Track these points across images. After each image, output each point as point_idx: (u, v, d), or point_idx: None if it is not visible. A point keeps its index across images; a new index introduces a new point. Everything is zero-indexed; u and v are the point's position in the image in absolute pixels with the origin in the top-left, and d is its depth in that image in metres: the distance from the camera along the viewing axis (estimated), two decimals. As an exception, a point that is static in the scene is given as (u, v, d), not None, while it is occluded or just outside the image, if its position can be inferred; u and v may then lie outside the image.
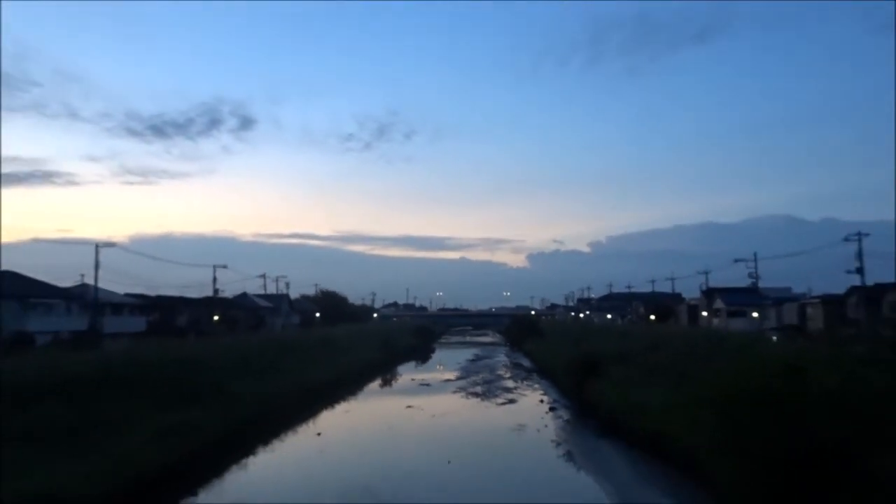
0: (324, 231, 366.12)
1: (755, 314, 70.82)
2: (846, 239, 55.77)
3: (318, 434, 31.22)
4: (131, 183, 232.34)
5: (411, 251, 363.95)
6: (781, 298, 73.36)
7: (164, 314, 72.42)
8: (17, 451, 17.91)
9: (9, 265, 57.87)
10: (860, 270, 54.52)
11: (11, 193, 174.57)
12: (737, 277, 74.34)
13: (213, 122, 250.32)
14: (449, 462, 24.67)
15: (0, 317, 46.70)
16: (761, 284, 73.06)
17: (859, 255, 54.53)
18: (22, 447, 18.24)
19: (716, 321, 76.52)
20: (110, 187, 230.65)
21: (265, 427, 31.15)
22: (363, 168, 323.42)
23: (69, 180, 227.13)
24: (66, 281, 63.07)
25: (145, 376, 27.76)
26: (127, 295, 68.70)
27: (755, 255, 70.10)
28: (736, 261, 73.16)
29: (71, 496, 15.70)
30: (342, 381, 49.80)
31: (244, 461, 25.72)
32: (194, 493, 20.92)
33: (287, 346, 50.34)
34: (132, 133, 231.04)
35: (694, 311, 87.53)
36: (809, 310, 64.06)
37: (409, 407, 39.23)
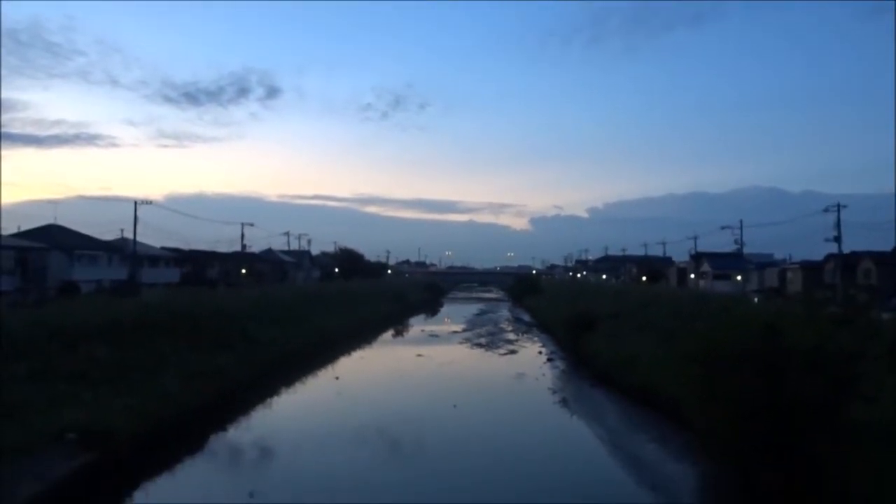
0: (343, 193, 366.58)
1: (739, 277, 70.73)
2: (826, 210, 55.39)
3: (336, 378, 31.60)
4: (167, 146, 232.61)
5: (423, 213, 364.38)
6: (764, 263, 73.29)
7: (197, 267, 72.99)
8: (66, 387, 18.24)
9: (55, 220, 58.26)
10: (837, 239, 54.25)
11: (58, 153, 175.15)
12: (723, 243, 74.10)
13: (241, 91, 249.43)
14: (454, 406, 24.97)
15: (49, 266, 47.16)
16: (746, 251, 72.80)
17: (837, 225, 54.23)
18: (70, 385, 18.56)
19: (702, 283, 76.51)
20: (147, 150, 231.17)
21: (288, 371, 31.56)
22: (380, 136, 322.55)
23: (111, 143, 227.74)
24: (107, 235, 63.52)
25: (180, 323, 28.04)
26: (163, 249, 69.15)
27: (741, 223, 69.63)
28: (723, 228, 72.79)
29: (113, 428, 16.02)
30: (358, 331, 50.24)
31: (269, 401, 26.13)
32: (224, 429, 21.31)
33: (308, 297, 50.67)
34: (168, 100, 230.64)
35: (683, 273, 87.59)
36: (789, 274, 63.97)
37: (419, 355, 39.59)
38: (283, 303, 43.62)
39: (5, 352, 18.83)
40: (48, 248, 48.54)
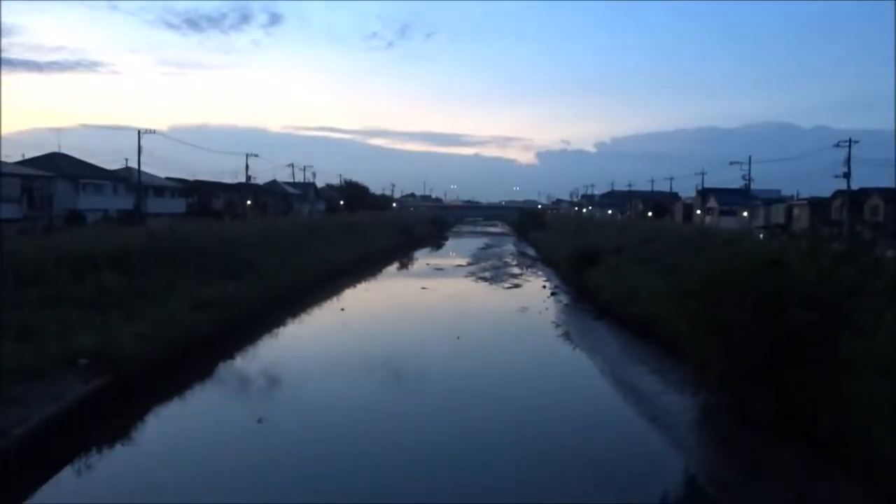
0: (348, 125, 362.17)
1: (745, 213, 70.52)
2: (836, 145, 54.75)
3: (342, 309, 32.04)
4: (169, 74, 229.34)
5: (429, 146, 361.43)
6: (771, 200, 72.86)
7: (202, 197, 72.98)
8: (77, 314, 18.58)
9: (59, 148, 58.00)
10: (847, 175, 53.82)
11: (59, 80, 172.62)
12: (731, 179, 73.66)
13: (244, 17, 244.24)
14: (458, 338, 25.37)
15: (54, 195, 47.27)
16: (754, 187, 72.44)
17: (847, 160, 53.67)
18: (81, 311, 18.90)
19: (708, 219, 76.31)
20: (150, 77, 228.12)
21: (293, 302, 31.98)
22: (385, 66, 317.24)
23: (112, 70, 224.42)
24: (111, 165, 63.35)
25: (186, 252, 28.31)
26: (167, 179, 69.01)
27: (749, 158, 69.07)
28: (731, 164, 72.26)
29: (122, 354, 16.38)
30: (363, 264, 50.60)
31: (275, 331, 26.58)
32: (232, 357, 21.77)
33: (314, 229, 50.87)
34: (169, 26, 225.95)
35: (689, 209, 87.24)
36: (796, 210, 63.70)
37: (424, 288, 39.98)
38: (289, 234, 43.84)
39: (17, 278, 19.11)
40: (53, 176, 48.53)
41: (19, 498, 11.20)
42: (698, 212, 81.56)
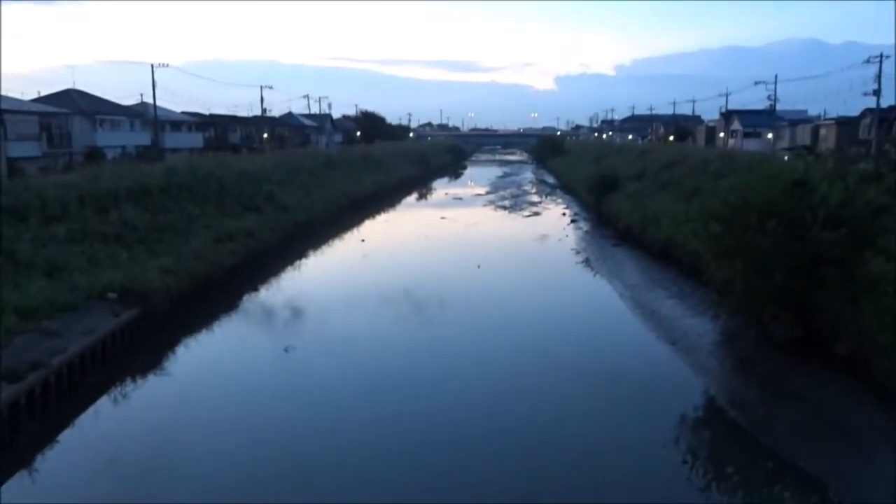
0: (361, 54, 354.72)
1: (770, 135, 69.00)
2: (867, 61, 52.80)
3: (362, 241, 32.27)
4: (181, 3, 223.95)
5: (444, 73, 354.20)
6: (797, 120, 71.06)
7: (218, 131, 72.72)
8: (103, 249, 18.91)
9: (73, 84, 57.70)
10: (877, 92, 52.07)
11: (71, 11, 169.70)
12: (756, 100, 71.57)
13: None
14: (479, 266, 25.53)
15: (72, 131, 47.35)
16: (779, 107, 70.41)
17: (878, 77, 51.86)
18: (106, 246, 19.22)
19: (731, 142, 74.86)
20: (162, 7, 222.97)
21: (314, 234, 32.26)
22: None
23: None
24: (126, 100, 63.00)
25: (206, 187, 28.44)
26: (183, 113, 68.69)
27: (775, 77, 66.91)
28: (756, 83, 70.01)
29: (150, 288, 16.73)
30: (382, 194, 50.63)
31: (297, 263, 26.92)
32: (255, 289, 22.15)
33: (331, 161, 50.68)
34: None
35: (712, 132, 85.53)
36: (823, 131, 62.19)
37: (443, 218, 40.02)
38: (307, 167, 43.74)
39: (42, 216, 19.39)
40: (71, 113, 48.44)
41: (61, 426, 11.70)
42: (721, 135, 79.93)
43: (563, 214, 41.00)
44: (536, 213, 42.33)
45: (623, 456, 10.72)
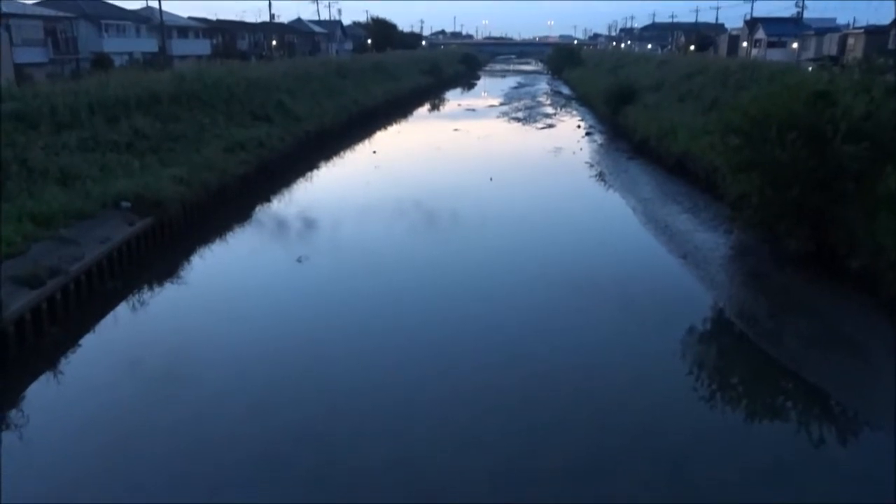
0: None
1: (794, 45, 66.74)
2: (903, -33, 50.30)
3: (374, 152, 32.04)
4: None
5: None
6: (824, 29, 68.52)
7: (226, 38, 71.17)
8: (113, 158, 18.87)
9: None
10: (910, 1, 49.87)
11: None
12: (783, 7, 69.06)
13: None
14: (491, 179, 25.39)
15: (78, 37, 46.49)
16: (807, 15, 67.88)
17: (913, -16, 49.53)
18: (116, 155, 19.19)
19: (755, 52, 72.54)
20: None
21: (325, 144, 32.03)
22: None
23: None
24: (130, 4, 61.44)
25: (215, 95, 28.06)
26: (190, 19, 67.09)
27: (805, -17, 64.12)
28: (784, -10, 67.20)
29: (163, 197, 16.82)
30: (394, 105, 49.87)
31: (309, 174, 26.87)
32: (267, 200, 22.22)
33: (342, 70, 49.65)
34: None
35: (734, 41, 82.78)
36: (850, 40, 59.99)
37: (456, 130, 39.54)
38: (317, 75, 42.90)
39: (53, 123, 19.30)
40: (76, 17, 47.41)
41: (83, 331, 12.05)
42: (745, 44, 77.35)
43: (578, 127, 40.35)
44: (551, 126, 41.68)
45: (629, 365, 10.94)
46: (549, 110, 50.64)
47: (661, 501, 7.57)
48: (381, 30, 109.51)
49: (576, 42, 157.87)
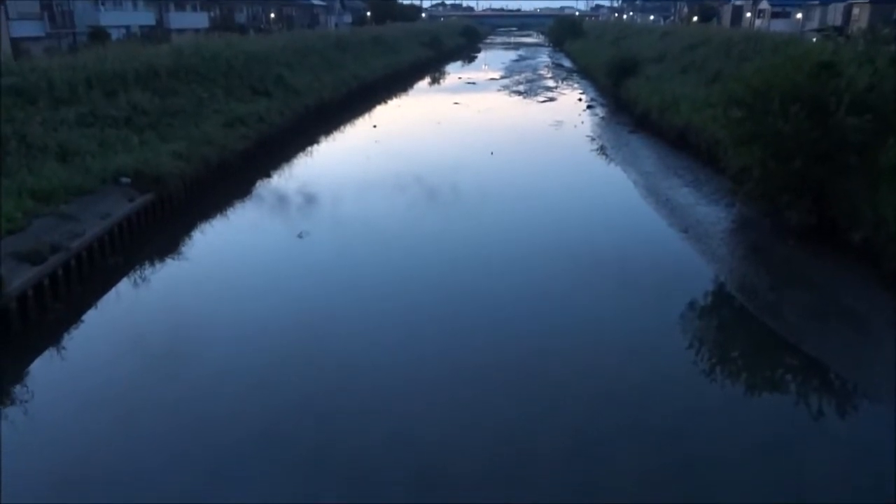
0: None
1: (799, 15, 65.98)
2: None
3: (374, 126, 31.85)
4: None
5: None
6: None
7: (224, 11, 70.38)
8: (112, 133, 18.75)
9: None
10: (917, -31, 49.16)
11: None
12: (788, -22, 67.90)
13: None
14: (492, 153, 25.26)
15: (74, 10, 46.00)
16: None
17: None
18: (115, 130, 19.05)
19: (758, 22, 71.73)
20: None
21: (325, 118, 31.82)
22: None
23: None
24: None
25: (214, 69, 27.82)
26: (187, -9, 66.24)
27: (810, -48, 63.17)
28: (789, -42, 66.25)
29: (163, 172, 16.75)
30: (394, 78, 49.45)
31: (308, 149, 26.74)
32: (267, 175, 22.14)
33: (342, 43, 49.15)
34: None
35: (738, 12, 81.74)
36: (856, 10, 59.22)
37: (456, 103, 39.26)
38: (317, 49, 42.47)
39: (51, 98, 19.15)
40: (70, -10, 46.87)
41: (85, 307, 12.07)
42: (748, 15, 76.49)
43: (580, 100, 40.05)
44: (552, 99, 41.37)
45: (630, 339, 10.96)
46: (550, 83, 50.24)
47: (662, 475, 7.62)
48: (380, 2, 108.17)
49: (577, 13, 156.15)
